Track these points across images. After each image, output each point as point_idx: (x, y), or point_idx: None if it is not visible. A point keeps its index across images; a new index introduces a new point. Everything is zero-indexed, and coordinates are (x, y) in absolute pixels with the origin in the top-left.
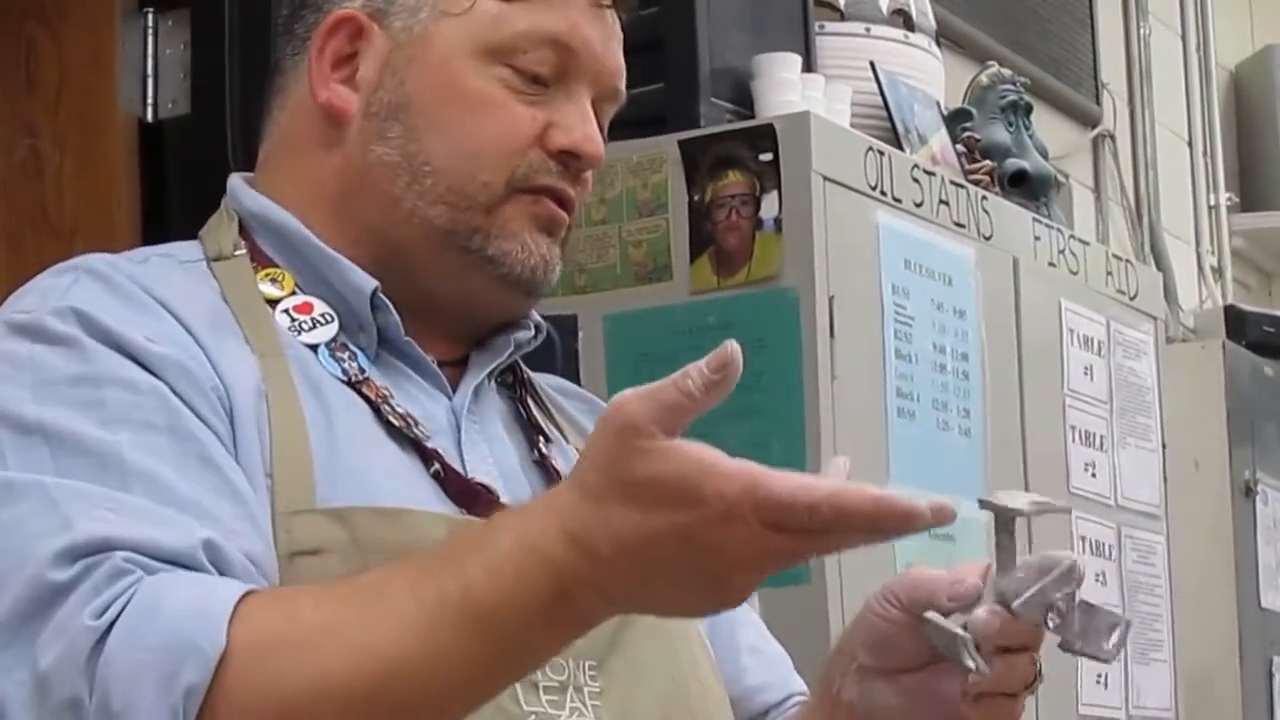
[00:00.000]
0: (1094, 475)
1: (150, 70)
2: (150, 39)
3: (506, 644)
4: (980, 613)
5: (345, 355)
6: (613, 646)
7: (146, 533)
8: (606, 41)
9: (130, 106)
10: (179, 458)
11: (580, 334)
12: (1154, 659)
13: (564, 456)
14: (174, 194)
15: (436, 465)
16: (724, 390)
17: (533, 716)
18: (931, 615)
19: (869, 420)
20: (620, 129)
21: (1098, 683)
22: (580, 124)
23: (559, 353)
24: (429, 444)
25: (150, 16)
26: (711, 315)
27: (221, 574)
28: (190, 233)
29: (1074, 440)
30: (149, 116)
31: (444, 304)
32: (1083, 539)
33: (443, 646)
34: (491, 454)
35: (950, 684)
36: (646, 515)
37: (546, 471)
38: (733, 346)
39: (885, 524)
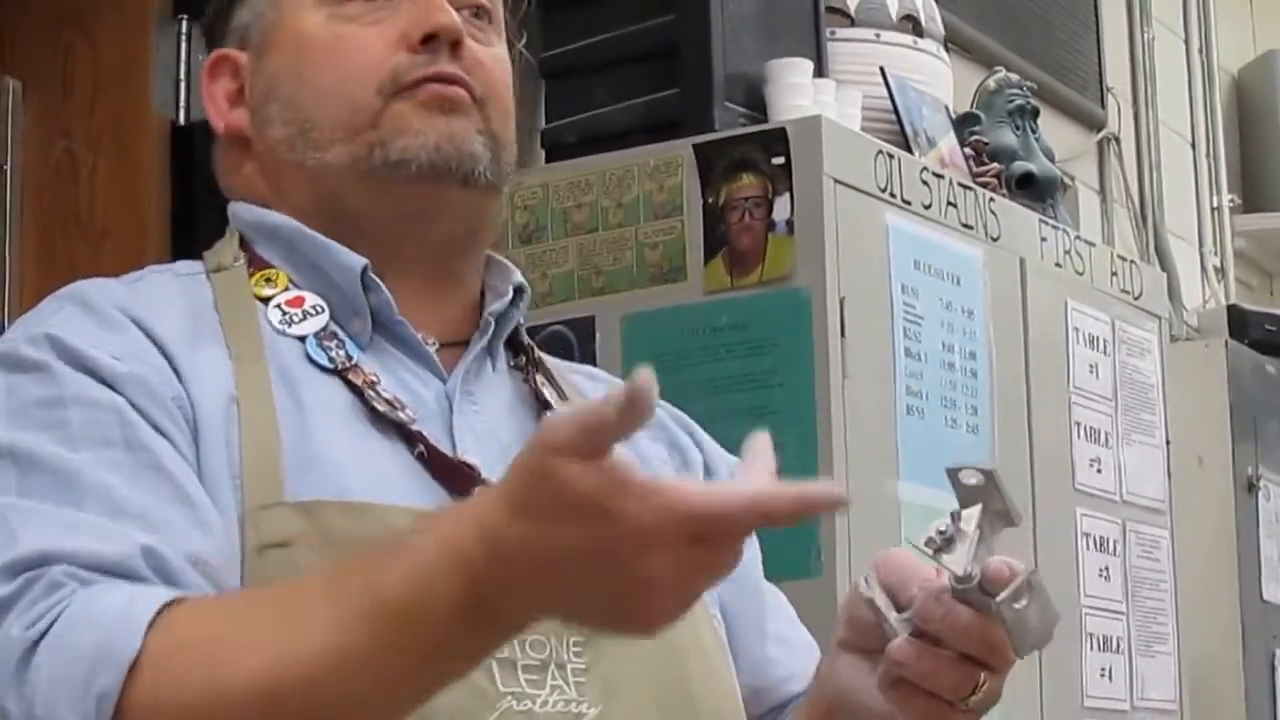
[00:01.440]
0: (1099, 471)
1: (183, 74)
2: (183, 44)
3: (421, 645)
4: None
5: (333, 344)
6: None
7: (86, 545)
8: None
9: (163, 110)
10: (132, 470)
11: (598, 335)
12: (1158, 652)
13: None
14: (204, 196)
15: (420, 446)
16: (640, 416)
17: (509, 696)
18: (864, 589)
19: (879, 418)
20: (636, 134)
21: (1102, 675)
22: (428, 10)
23: (576, 354)
24: (414, 426)
25: (184, 23)
26: (725, 315)
27: (164, 580)
28: (216, 233)
29: (1079, 437)
30: (181, 120)
31: (406, 246)
32: (1087, 535)
33: (353, 648)
34: (488, 433)
35: None
36: (559, 529)
37: None
38: (646, 376)
39: (808, 515)
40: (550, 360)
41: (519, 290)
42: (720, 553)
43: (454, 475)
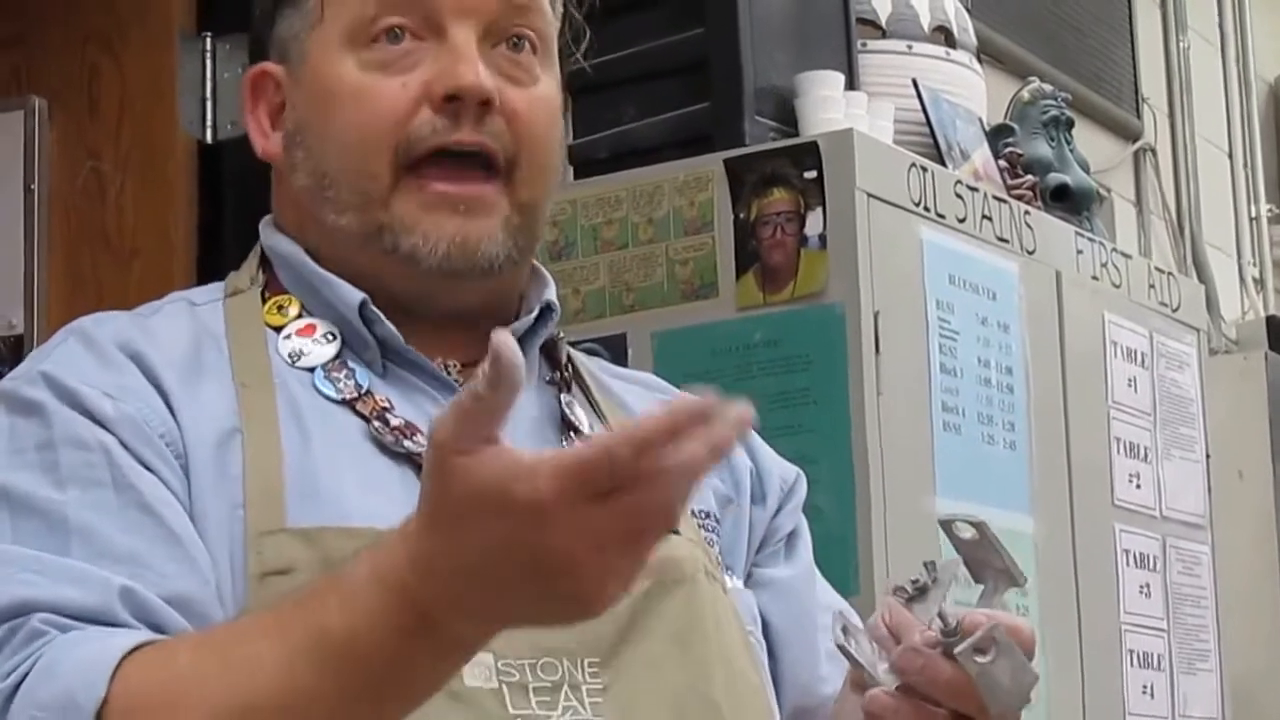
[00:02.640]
0: (1138, 487)
1: (209, 93)
2: (209, 62)
3: (372, 676)
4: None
5: (342, 374)
6: (621, 642)
7: (65, 594)
8: None
9: (190, 128)
10: (119, 509)
11: (629, 352)
12: (1200, 669)
13: None
14: (232, 215)
15: None
16: (511, 381)
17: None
18: (839, 638)
19: (915, 435)
20: (667, 149)
21: (1144, 693)
22: (453, 63)
23: None
24: (420, 451)
25: (209, 40)
26: (758, 332)
27: (144, 620)
28: (244, 252)
29: (1118, 452)
30: (208, 138)
31: (420, 308)
32: (1127, 551)
33: (301, 684)
34: None
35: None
36: (470, 529)
37: None
38: (501, 336)
39: (687, 428)
40: (603, 371)
41: (547, 306)
42: (638, 505)
43: None
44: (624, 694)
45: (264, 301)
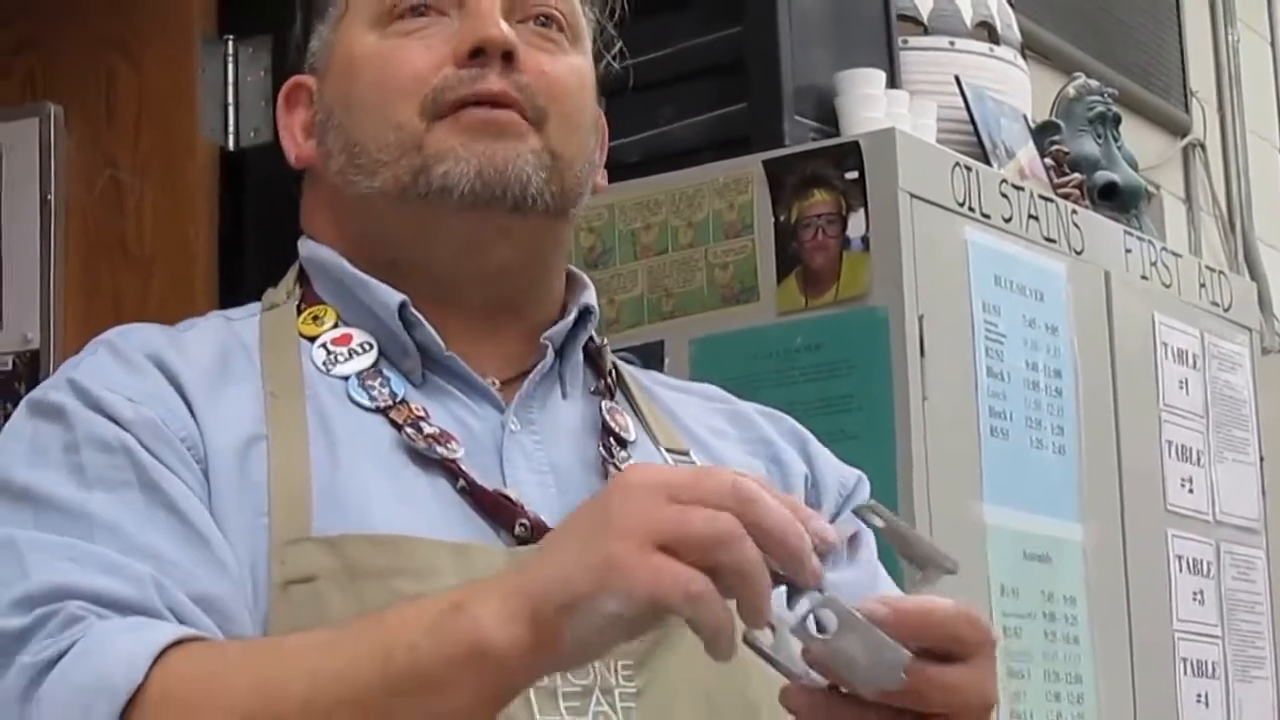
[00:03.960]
0: (1191, 491)
1: (231, 98)
2: (231, 66)
3: (406, 679)
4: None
5: (377, 383)
6: (655, 644)
7: (101, 582)
8: None
9: (212, 135)
10: (146, 508)
11: (666, 359)
12: (1255, 676)
13: (645, 459)
14: (254, 223)
15: (462, 481)
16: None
17: None
18: (747, 634)
19: (961, 440)
20: (705, 151)
21: (1199, 701)
22: (476, 21)
23: None
24: (455, 460)
25: (230, 43)
26: (799, 336)
27: (174, 616)
28: (267, 260)
29: (1170, 455)
30: (231, 145)
31: (463, 277)
32: (1180, 557)
33: (343, 668)
34: (546, 462)
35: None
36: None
37: (607, 476)
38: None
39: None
40: (656, 382)
41: (584, 311)
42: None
43: (496, 508)
44: (658, 698)
45: (299, 313)
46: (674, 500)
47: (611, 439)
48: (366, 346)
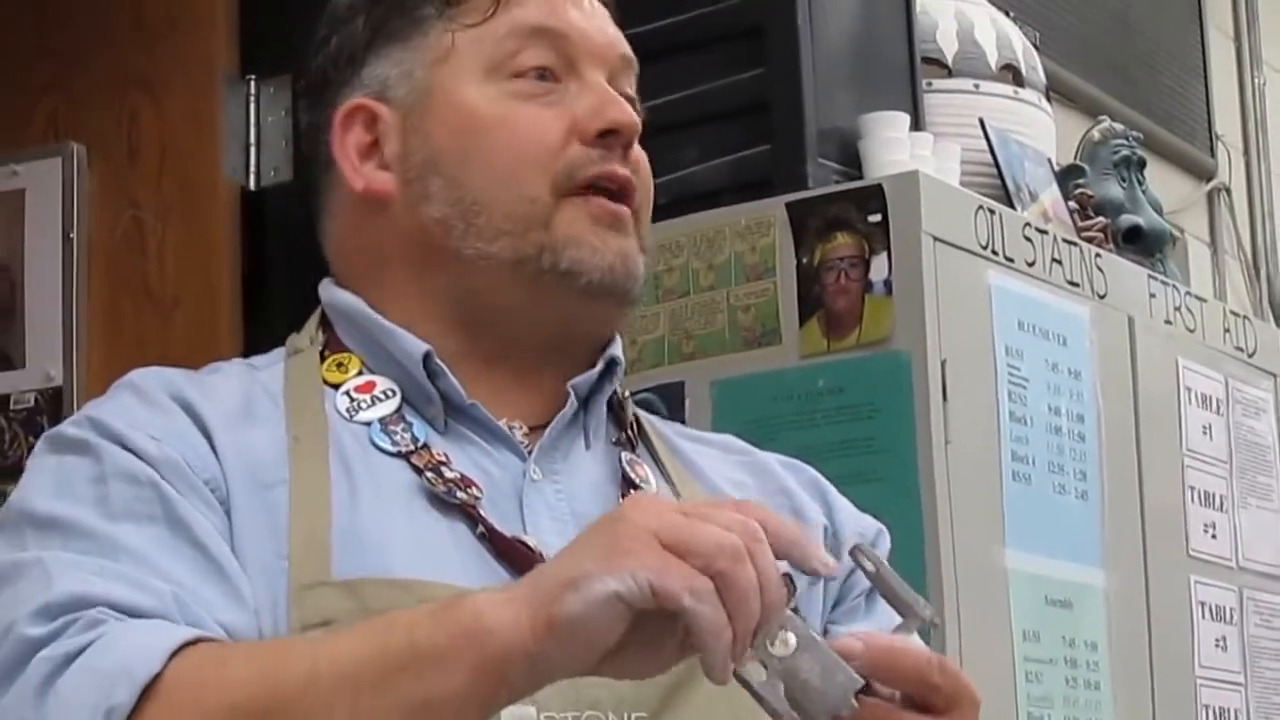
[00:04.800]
0: (1214, 537)
1: (253, 138)
2: (253, 106)
3: (403, 654)
4: None
5: (399, 428)
6: (670, 695)
7: (124, 593)
8: (590, 17)
9: (233, 174)
10: (171, 540)
11: (687, 401)
12: None
13: None
14: (276, 263)
15: (481, 527)
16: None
17: None
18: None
19: (984, 484)
20: (727, 193)
21: None
22: (604, 101)
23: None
24: (474, 507)
25: (252, 83)
26: (822, 379)
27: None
28: (290, 301)
29: (1193, 501)
30: (252, 184)
31: (536, 341)
32: (1202, 603)
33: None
34: (568, 512)
35: None
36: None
37: None
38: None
39: None
40: (677, 434)
41: (611, 363)
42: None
43: (514, 555)
44: None
45: (323, 360)
46: (685, 514)
47: (632, 490)
48: (390, 393)
